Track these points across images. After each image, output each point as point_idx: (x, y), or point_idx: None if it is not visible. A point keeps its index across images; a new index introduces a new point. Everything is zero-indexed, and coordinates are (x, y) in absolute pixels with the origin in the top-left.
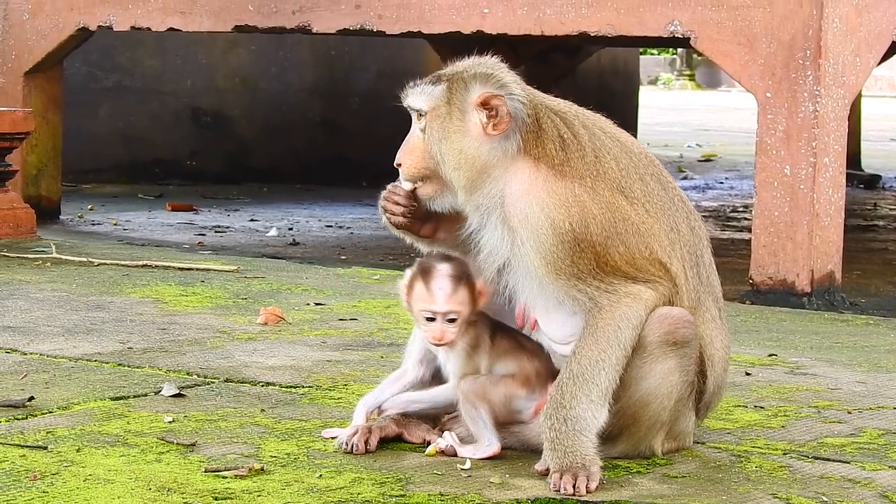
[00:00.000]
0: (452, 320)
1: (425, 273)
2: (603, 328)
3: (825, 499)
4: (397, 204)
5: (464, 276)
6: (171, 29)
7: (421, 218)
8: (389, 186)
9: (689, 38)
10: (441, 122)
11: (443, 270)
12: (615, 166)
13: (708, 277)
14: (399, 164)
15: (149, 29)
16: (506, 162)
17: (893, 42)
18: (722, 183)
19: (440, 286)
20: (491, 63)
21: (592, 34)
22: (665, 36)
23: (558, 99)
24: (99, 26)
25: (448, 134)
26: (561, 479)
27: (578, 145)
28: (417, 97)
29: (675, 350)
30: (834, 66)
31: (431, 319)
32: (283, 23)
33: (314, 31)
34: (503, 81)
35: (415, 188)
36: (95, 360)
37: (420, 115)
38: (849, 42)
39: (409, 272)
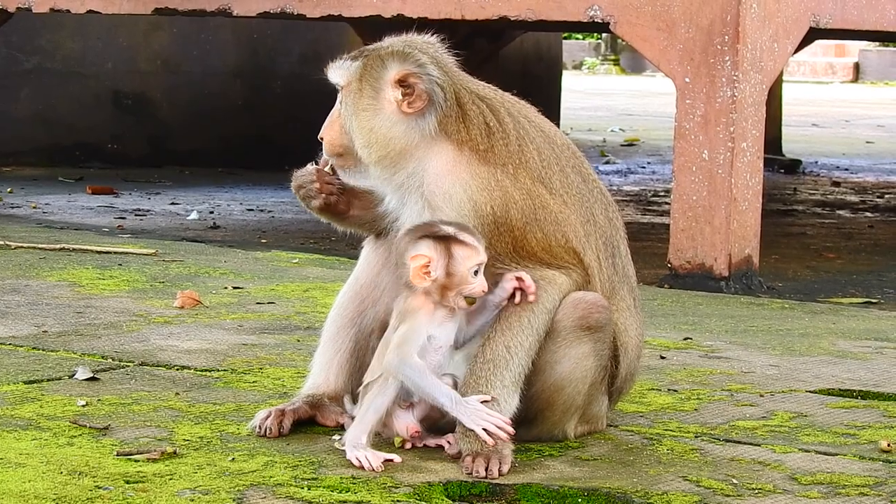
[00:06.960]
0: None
1: (446, 237)
2: (517, 313)
3: (735, 481)
4: (328, 184)
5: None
6: (90, 11)
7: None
8: (311, 168)
9: (608, 23)
10: (353, 98)
11: (457, 226)
12: (537, 157)
13: (623, 267)
14: (321, 138)
15: (68, 11)
16: (426, 142)
17: (812, 29)
18: (644, 167)
19: (472, 238)
20: (417, 41)
21: (513, 19)
22: (585, 21)
23: (484, 84)
24: (18, 8)
25: (357, 111)
26: (473, 462)
27: (503, 133)
28: (336, 71)
29: (590, 334)
30: (752, 52)
31: (476, 273)
32: (203, 5)
33: (234, 14)
34: (420, 61)
35: (333, 163)
36: (10, 344)
37: (339, 89)
38: (767, 28)
39: (424, 248)
